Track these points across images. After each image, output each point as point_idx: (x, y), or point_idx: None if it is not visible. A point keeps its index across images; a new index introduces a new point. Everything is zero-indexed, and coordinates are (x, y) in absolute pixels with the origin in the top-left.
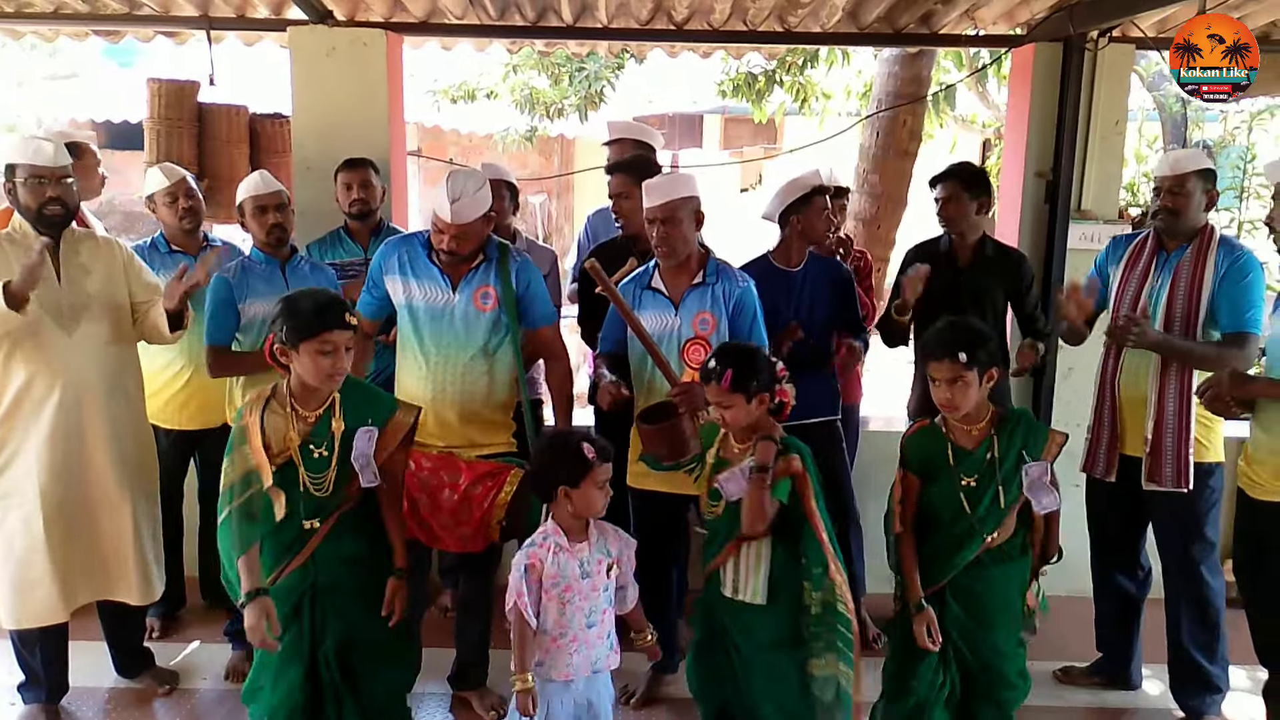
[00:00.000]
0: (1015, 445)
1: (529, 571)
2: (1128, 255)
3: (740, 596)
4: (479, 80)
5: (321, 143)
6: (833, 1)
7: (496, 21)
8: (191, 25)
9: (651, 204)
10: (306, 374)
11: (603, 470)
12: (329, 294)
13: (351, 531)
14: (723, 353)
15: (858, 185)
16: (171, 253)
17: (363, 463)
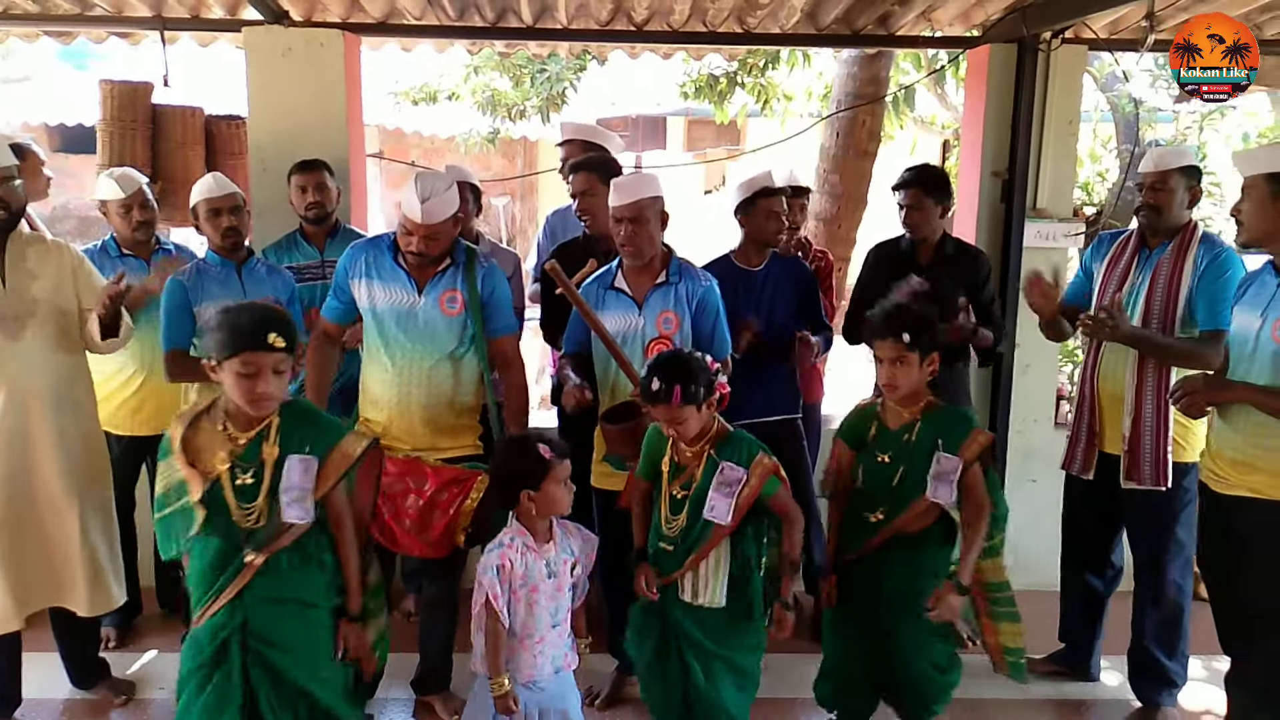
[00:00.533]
0: (935, 434)
1: (500, 572)
2: (1111, 252)
3: (700, 601)
4: (440, 82)
5: (278, 144)
6: (791, 3)
7: (455, 22)
8: (145, 26)
9: (619, 203)
10: (231, 394)
11: (562, 467)
12: (263, 310)
13: (291, 571)
14: (662, 370)
15: (818, 185)
16: (122, 256)
17: (293, 495)
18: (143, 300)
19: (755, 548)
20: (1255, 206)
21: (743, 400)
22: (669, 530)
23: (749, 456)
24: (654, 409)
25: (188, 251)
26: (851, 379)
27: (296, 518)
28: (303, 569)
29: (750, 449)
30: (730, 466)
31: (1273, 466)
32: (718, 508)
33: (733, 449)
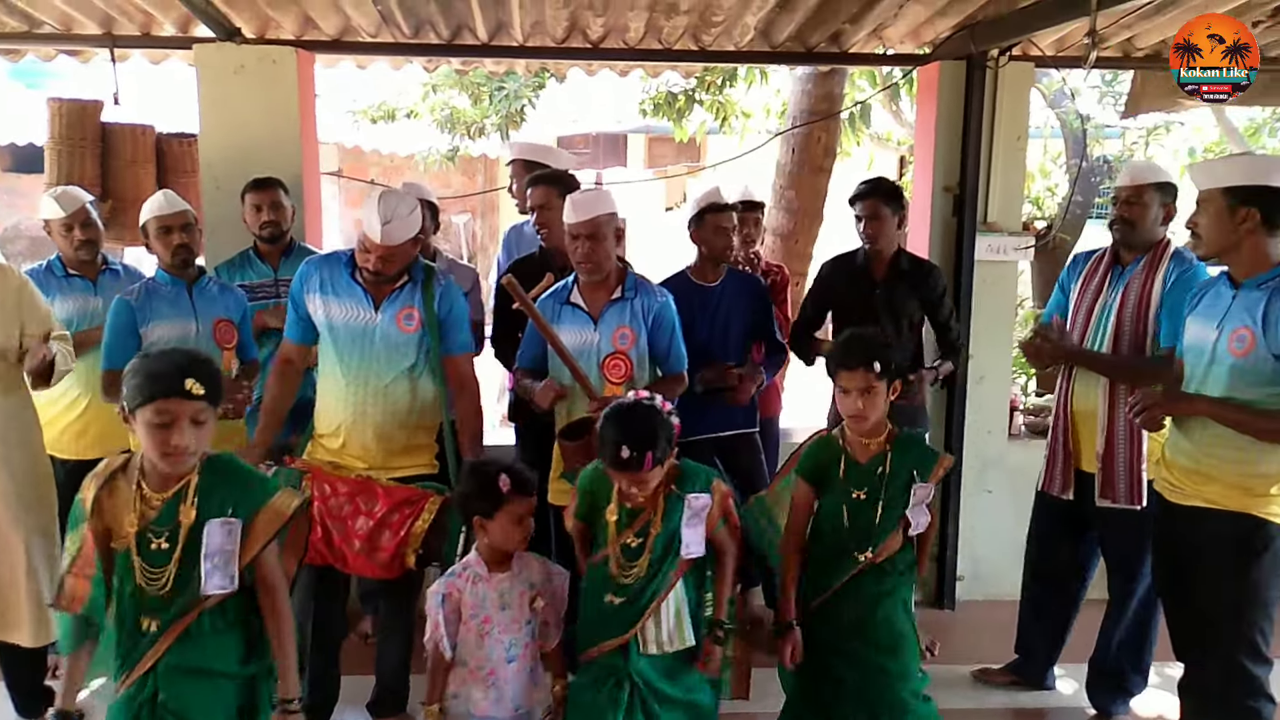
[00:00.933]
0: (907, 464)
1: (445, 601)
2: (1085, 271)
3: (669, 648)
4: (398, 100)
5: (230, 162)
6: (745, 21)
7: (410, 40)
8: (94, 44)
9: (576, 220)
10: (144, 448)
11: (519, 504)
12: (184, 355)
13: (207, 640)
14: (631, 438)
15: (775, 201)
16: (68, 276)
17: (215, 562)
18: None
19: (704, 578)
20: (1212, 220)
21: (699, 415)
22: (625, 579)
23: (708, 482)
24: (619, 475)
25: (136, 273)
26: (810, 393)
27: (218, 587)
28: (225, 634)
29: (707, 475)
30: (695, 497)
31: (1227, 477)
32: (693, 542)
33: (691, 480)
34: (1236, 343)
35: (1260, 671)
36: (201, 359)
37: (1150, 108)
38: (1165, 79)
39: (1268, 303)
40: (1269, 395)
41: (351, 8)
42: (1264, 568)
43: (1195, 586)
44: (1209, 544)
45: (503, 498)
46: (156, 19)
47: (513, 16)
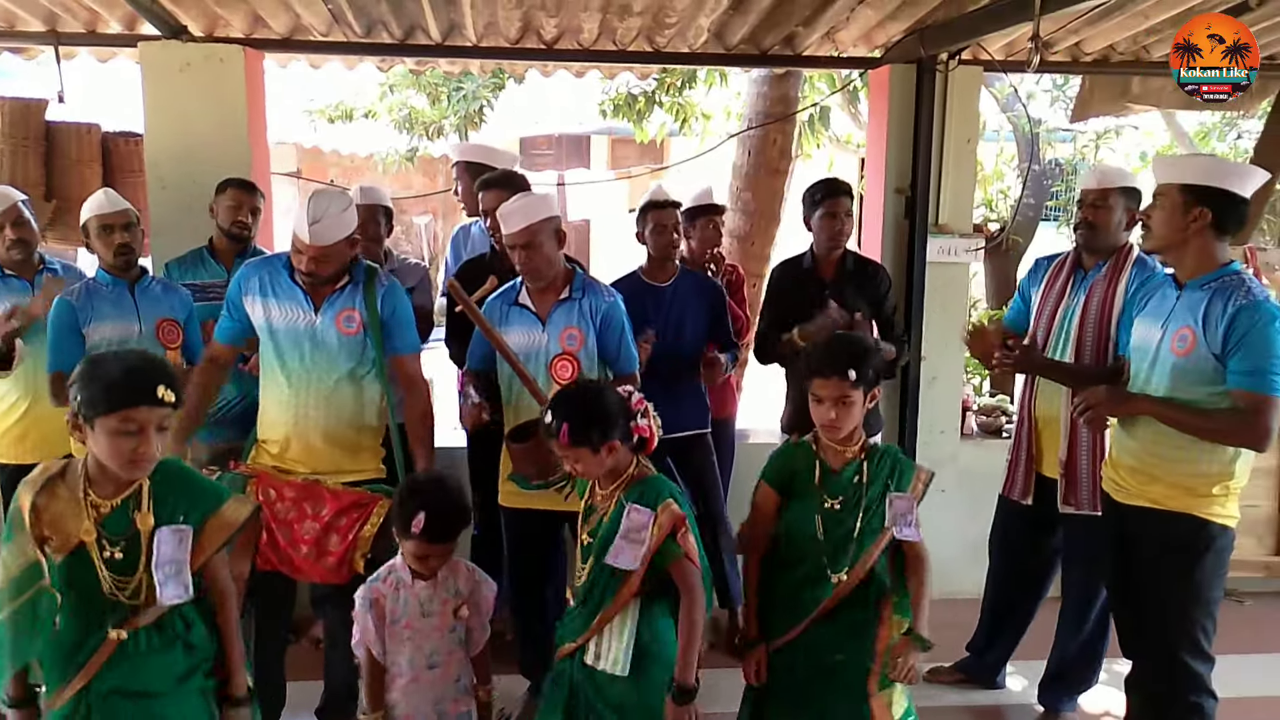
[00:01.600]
0: (883, 473)
1: (373, 606)
2: (1047, 276)
3: (601, 665)
4: (356, 100)
5: (176, 161)
6: (698, 23)
7: (363, 39)
8: (38, 41)
9: (509, 231)
10: (104, 456)
11: (423, 546)
12: (142, 358)
13: (151, 653)
14: (557, 404)
15: (732, 203)
16: (4, 277)
17: (168, 571)
18: (27, 325)
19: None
20: (1165, 215)
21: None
22: (578, 578)
23: (656, 499)
24: (550, 442)
25: (75, 271)
26: (766, 393)
27: (174, 597)
28: (162, 652)
29: (660, 493)
30: (636, 509)
31: (1170, 477)
32: (622, 555)
33: (644, 493)
34: (1178, 342)
35: (1203, 669)
36: (160, 362)
37: (1098, 112)
38: (1112, 83)
39: (1208, 303)
40: (1209, 395)
41: (301, 6)
42: (1206, 568)
43: (1140, 585)
44: (1152, 543)
45: (408, 533)
46: (102, 16)
47: (465, 17)
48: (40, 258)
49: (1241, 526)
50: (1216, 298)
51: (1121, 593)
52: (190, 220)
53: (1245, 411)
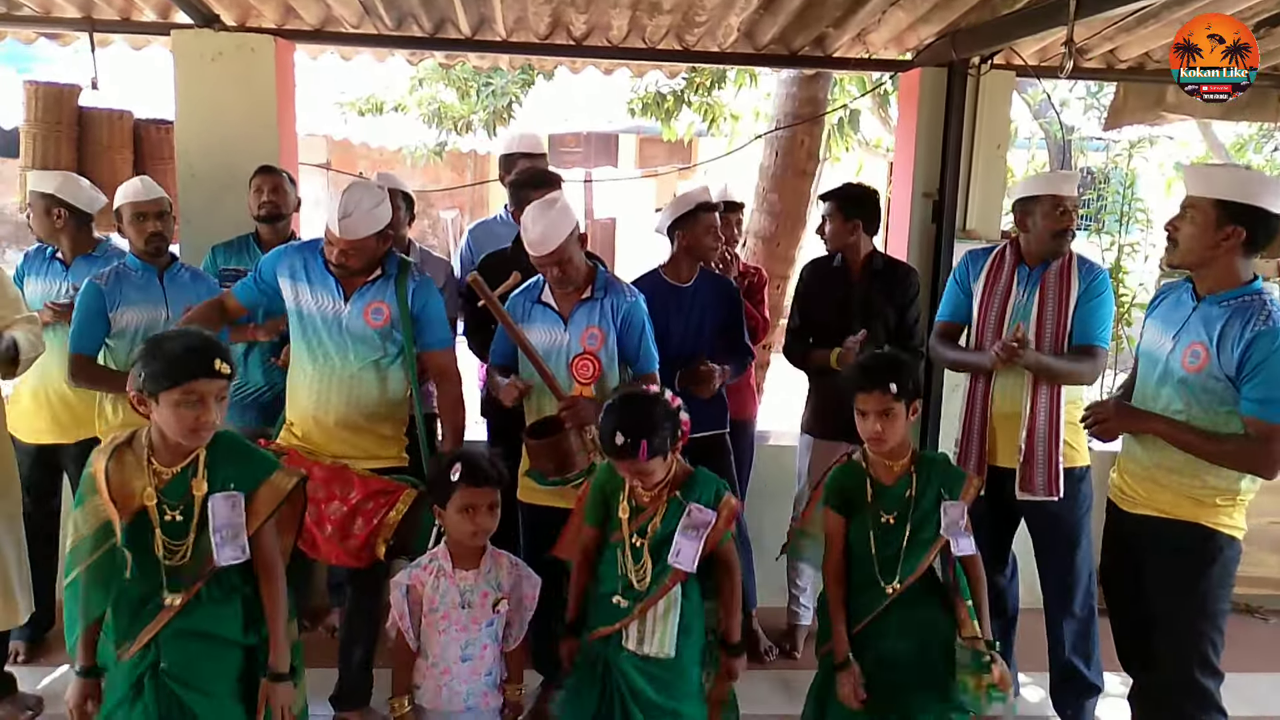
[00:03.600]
0: (934, 484)
1: (410, 592)
2: (987, 269)
3: (645, 650)
4: (386, 93)
5: (206, 150)
6: (728, 22)
7: (393, 32)
8: (74, 27)
9: (539, 254)
10: (167, 427)
11: (467, 494)
12: (200, 336)
13: (207, 609)
14: (627, 425)
15: (757, 204)
16: (50, 260)
17: (225, 535)
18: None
19: (703, 591)
20: (1197, 230)
21: None
22: (638, 583)
23: (717, 497)
24: (618, 463)
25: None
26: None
27: (231, 558)
28: (223, 602)
29: (718, 489)
30: (699, 508)
31: (1178, 487)
32: (684, 553)
33: (699, 489)
34: (1190, 357)
35: (1211, 684)
36: (215, 339)
37: (1132, 120)
38: (1147, 92)
39: (1226, 322)
40: (1217, 412)
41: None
42: (1212, 579)
43: (1147, 595)
44: (1159, 553)
45: (450, 487)
46: (136, 4)
47: (495, 11)
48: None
49: (1265, 544)
50: (1235, 317)
51: (1123, 603)
52: (219, 208)
53: (1256, 439)
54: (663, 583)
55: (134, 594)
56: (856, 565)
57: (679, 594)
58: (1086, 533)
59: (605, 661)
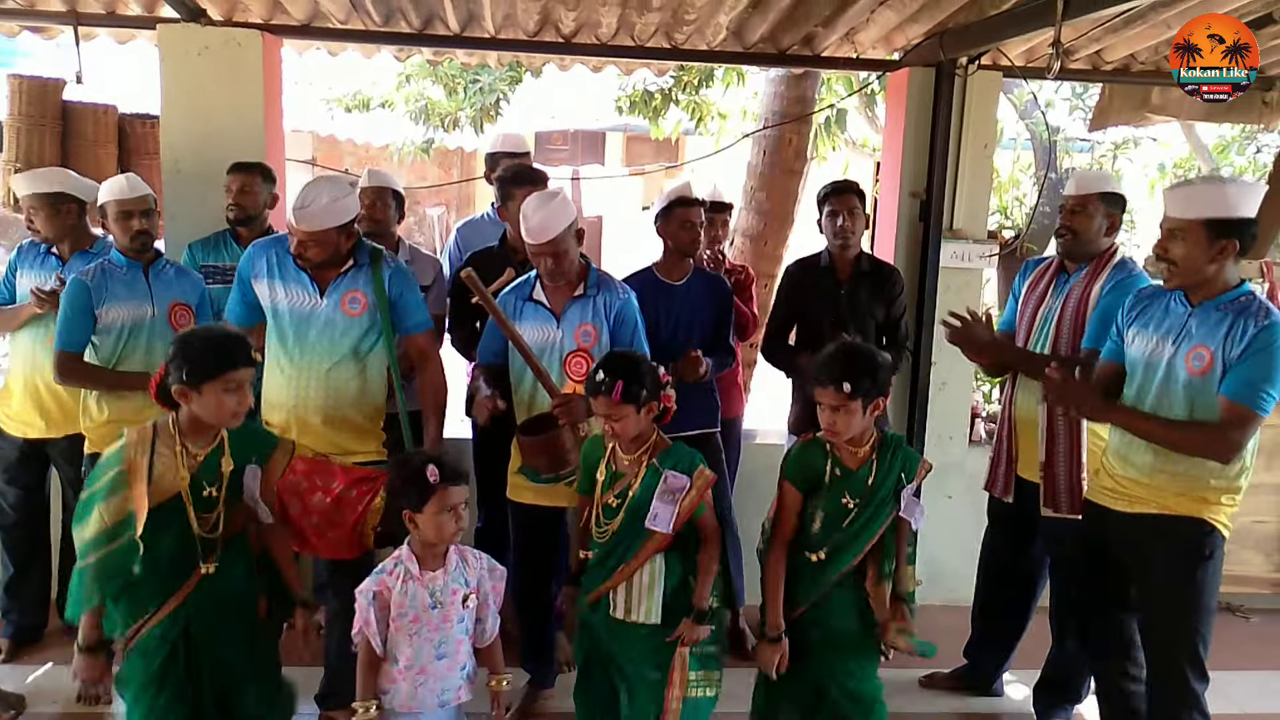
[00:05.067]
0: (894, 470)
1: (376, 599)
2: (1032, 278)
3: (633, 618)
4: (373, 89)
5: (192, 145)
6: (717, 20)
7: (381, 28)
8: (58, 20)
9: (537, 242)
10: (208, 414)
11: (449, 494)
12: (229, 331)
13: (223, 573)
14: (610, 364)
15: (745, 202)
16: (44, 255)
17: (255, 500)
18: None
19: (688, 564)
20: (1191, 251)
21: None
22: (599, 537)
23: (691, 466)
24: (594, 401)
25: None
26: (773, 393)
27: (265, 518)
28: (236, 562)
29: (693, 459)
30: (674, 475)
31: (1183, 482)
32: (660, 515)
33: (675, 458)
34: (1194, 360)
35: (1199, 686)
36: (239, 332)
37: (1117, 121)
38: (1133, 93)
39: (1230, 324)
40: None
41: None
42: (1209, 573)
43: (1136, 593)
44: (1155, 549)
45: (430, 489)
46: None
47: (484, 8)
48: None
49: (1249, 542)
50: (1239, 319)
51: (1101, 602)
52: (204, 204)
53: (1221, 423)
54: (638, 548)
55: (164, 568)
56: (810, 545)
57: (663, 564)
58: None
59: (594, 629)
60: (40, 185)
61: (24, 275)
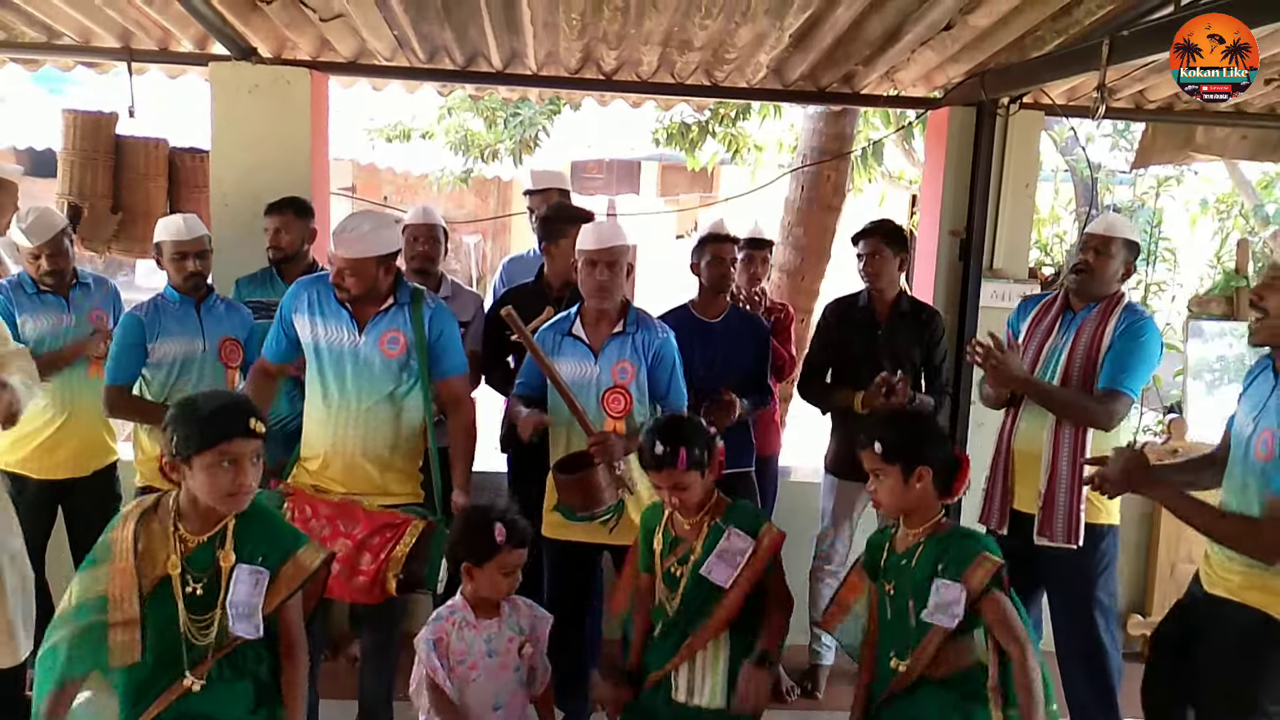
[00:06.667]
0: (933, 557)
1: (437, 646)
2: (1035, 313)
3: (695, 700)
4: (414, 120)
5: (240, 181)
6: (757, 59)
7: (426, 65)
8: (112, 56)
9: (598, 246)
10: (202, 492)
11: (511, 555)
12: (230, 395)
13: (222, 683)
14: (666, 432)
15: (782, 237)
16: (40, 293)
17: (241, 610)
18: (71, 359)
19: (755, 635)
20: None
21: None
22: (668, 607)
23: (756, 525)
24: (657, 475)
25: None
26: (810, 431)
27: (245, 633)
28: (233, 682)
29: (757, 518)
30: (737, 533)
31: (1245, 568)
32: (716, 571)
33: (739, 517)
34: (1262, 445)
35: None
36: (245, 398)
37: (1160, 160)
38: (1176, 132)
39: None
40: None
41: (368, 32)
42: (1271, 669)
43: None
44: (1222, 636)
45: (496, 548)
46: (174, 35)
47: (527, 46)
48: (74, 272)
49: None
50: None
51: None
52: (250, 238)
53: (1264, 520)
54: (705, 617)
55: (144, 670)
56: (878, 634)
57: (728, 641)
58: (1106, 588)
59: (654, 714)
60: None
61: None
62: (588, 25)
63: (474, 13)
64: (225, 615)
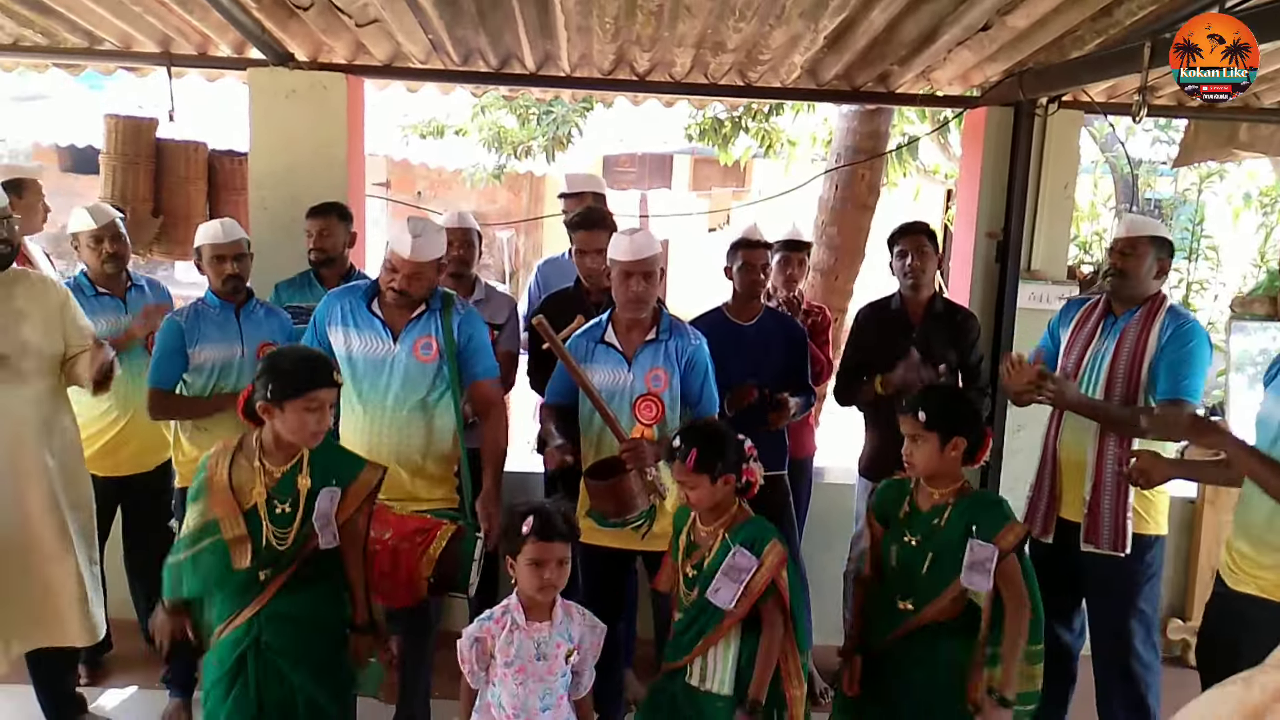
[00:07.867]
0: (965, 519)
1: (477, 644)
2: (1077, 317)
3: (707, 686)
4: (448, 118)
5: (279, 183)
6: (791, 59)
7: (460, 67)
8: (152, 61)
9: (633, 258)
10: (289, 431)
11: (536, 548)
12: (314, 352)
13: (303, 590)
14: (689, 432)
15: (816, 237)
16: (98, 295)
17: (323, 523)
18: (125, 346)
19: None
20: None
21: None
22: (686, 601)
23: (762, 544)
24: (672, 466)
25: (160, 289)
26: (845, 432)
27: (327, 543)
28: (314, 583)
29: (765, 537)
30: (742, 553)
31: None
32: (721, 592)
33: (748, 534)
34: None
35: None
36: (325, 354)
37: (1203, 158)
38: (1219, 129)
39: None
40: None
41: (403, 36)
42: None
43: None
44: (1249, 637)
45: (519, 540)
46: (213, 40)
47: (561, 49)
48: (128, 275)
49: None
50: None
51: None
52: (289, 241)
53: None
54: (716, 621)
55: (240, 577)
56: (883, 576)
57: (738, 636)
58: (1149, 599)
59: (672, 697)
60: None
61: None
62: (621, 29)
63: (508, 17)
64: (302, 528)
